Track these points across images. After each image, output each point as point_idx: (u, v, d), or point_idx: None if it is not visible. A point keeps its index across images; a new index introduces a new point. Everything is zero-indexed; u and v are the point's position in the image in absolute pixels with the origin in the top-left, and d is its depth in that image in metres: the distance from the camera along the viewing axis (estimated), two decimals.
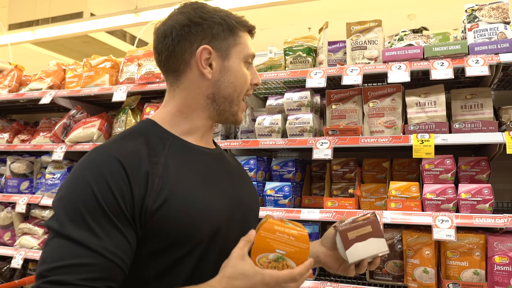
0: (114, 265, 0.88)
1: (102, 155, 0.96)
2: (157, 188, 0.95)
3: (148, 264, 0.97)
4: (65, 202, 0.91)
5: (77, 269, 0.84)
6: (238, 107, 1.17)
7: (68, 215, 0.89)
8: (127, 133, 1.07)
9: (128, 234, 0.91)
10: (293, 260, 0.92)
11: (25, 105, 3.41)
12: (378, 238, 1.20)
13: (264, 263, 0.91)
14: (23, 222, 3.00)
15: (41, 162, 3.12)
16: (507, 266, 1.90)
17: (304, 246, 0.92)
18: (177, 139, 1.10)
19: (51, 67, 3.19)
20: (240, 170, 1.34)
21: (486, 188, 1.95)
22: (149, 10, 5.80)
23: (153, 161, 0.99)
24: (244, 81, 1.16)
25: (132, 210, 0.92)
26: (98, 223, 0.88)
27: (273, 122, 2.31)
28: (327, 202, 2.18)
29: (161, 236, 0.95)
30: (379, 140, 2.07)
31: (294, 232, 0.92)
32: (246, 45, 1.17)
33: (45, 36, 6.56)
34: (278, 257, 0.91)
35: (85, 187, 0.90)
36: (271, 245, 0.91)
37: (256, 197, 1.34)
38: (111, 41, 8.24)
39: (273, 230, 0.91)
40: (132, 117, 2.69)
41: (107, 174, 0.91)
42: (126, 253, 0.91)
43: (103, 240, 0.87)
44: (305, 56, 2.37)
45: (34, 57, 8.77)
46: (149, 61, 2.64)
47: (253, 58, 1.20)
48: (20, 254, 2.84)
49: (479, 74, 1.92)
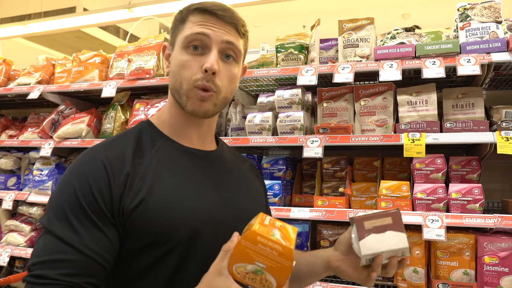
0: (93, 262, 0.90)
1: (89, 157, 1.00)
2: (136, 188, 0.97)
3: (131, 261, 0.98)
4: (53, 201, 0.96)
5: (58, 265, 0.88)
6: (187, 97, 1.05)
7: (55, 213, 0.93)
8: (122, 134, 1.10)
9: (108, 231, 0.93)
10: (273, 276, 0.84)
11: (14, 100, 3.36)
12: (398, 232, 1.05)
13: (241, 273, 0.84)
14: (10, 219, 2.96)
15: (29, 158, 3.07)
16: (496, 266, 1.89)
17: (286, 264, 0.83)
18: (168, 140, 1.10)
19: (40, 61, 3.14)
20: (241, 172, 1.27)
21: (477, 188, 1.94)
22: (142, 5, 5.75)
23: (137, 162, 1.01)
24: (182, 68, 1.04)
25: (112, 209, 0.94)
26: (79, 221, 0.91)
27: (264, 120, 2.29)
28: (317, 201, 2.16)
29: (140, 234, 0.97)
30: (370, 139, 2.05)
31: (278, 247, 0.82)
32: (187, 28, 1.06)
33: (37, 31, 6.49)
34: (257, 269, 0.83)
35: (69, 187, 0.95)
36: (251, 257, 0.83)
37: (259, 201, 1.27)
38: (104, 37, 8.19)
39: (255, 241, 0.82)
40: (122, 113, 2.65)
41: (89, 175, 0.95)
42: (105, 249, 0.92)
43: (83, 237, 0.90)
44: (297, 53, 2.35)
45: (26, 52, 8.69)
46: (139, 57, 2.60)
47: (197, 36, 1.04)
48: (6, 251, 2.80)
49: (470, 73, 1.90)
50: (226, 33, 1.06)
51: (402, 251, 1.06)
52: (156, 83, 2.52)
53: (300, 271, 1.23)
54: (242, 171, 1.28)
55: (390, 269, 1.08)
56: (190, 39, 1.05)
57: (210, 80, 1.03)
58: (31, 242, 2.87)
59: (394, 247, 1.05)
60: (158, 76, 2.56)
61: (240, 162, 1.32)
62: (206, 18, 1.05)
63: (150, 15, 5.68)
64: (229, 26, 1.07)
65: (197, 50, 1.05)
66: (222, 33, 1.05)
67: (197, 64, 1.04)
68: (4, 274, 3.08)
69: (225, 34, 1.06)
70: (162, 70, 2.60)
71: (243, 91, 2.80)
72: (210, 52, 1.04)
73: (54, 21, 6.19)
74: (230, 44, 1.07)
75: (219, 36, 1.05)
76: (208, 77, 1.03)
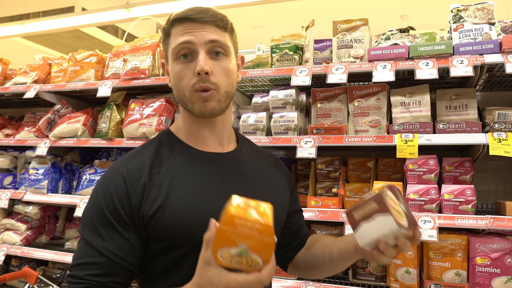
0: (115, 263, 1.02)
1: (113, 171, 1.12)
2: (153, 196, 1.06)
3: (156, 261, 1.09)
4: (85, 211, 1.10)
5: (86, 267, 1.02)
6: (192, 103, 1.12)
7: (86, 222, 1.08)
8: (144, 145, 1.21)
9: (129, 236, 1.04)
10: (258, 254, 0.84)
11: (11, 99, 3.37)
12: (384, 215, 1.02)
13: (226, 258, 0.84)
14: (6, 218, 2.97)
15: (25, 157, 3.08)
16: (488, 267, 1.90)
17: (268, 240, 0.83)
18: (185, 147, 1.18)
19: (36, 61, 3.15)
20: (261, 170, 1.29)
21: (469, 189, 1.94)
22: (140, 5, 5.75)
23: (155, 171, 1.10)
24: (179, 79, 1.12)
25: (131, 216, 1.05)
26: (104, 228, 1.04)
27: (258, 120, 2.30)
28: (311, 201, 2.17)
29: (160, 238, 1.06)
30: (363, 140, 2.06)
31: (257, 225, 0.82)
32: (172, 41, 1.12)
33: (35, 30, 6.49)
34: (241, 251, 0.84)
35: (96, 199, 1.08)
36: (233, 240, 0.83)
37: (280, 196, 1.30)
38: (103, 37, 8.19)
39: (234, 224, 0.82)
40: (117, 113, 2.66)
41: (111, 188, 1.07)
42: (127, 252, 1.04)
43: (107, 242, 1.03)
44: (292, 54, 2.35)
45: (25, 51, 8.69)
46: (134, 57, 2.61)
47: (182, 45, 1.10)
48: (2, 250, 2.80)
49: (463, 74, 1.91)
50: (207, 33, 1.10)
51: (397, 231, 1.03)
52: (151, 83, 2.53)
53: (332, 258, 1.27)
54: (263, 168, 1.30)
55: (402, 247, 1.06)
56: (177, 50, 1.11)
57: (207, 80, 1.08)
58: (27, 241, 2.87)
59: (385, 231, 1.03)
60: (153, 76, 2.57)
61: (261, 158, 1.34)
62: (186, 26, 1.11)
63: (148, 15, 5.69)
64: (208, 25, 1.11)
65: (187, 57, 1.11)
66: (203, 35, 1.10)
67: (190, 70, 1.10)
68: (0, 273, 3.08)
69: (207, 34, 1.10)
70: (157, 70, 2.61)
71: (239, 91, 2.81)
72: (198, 55, 1.09)
73: (53, 21, 6.18)
74: (214, 42, 1.10)
75: (202, 38, 1.09)
76: (203, 78, 1.08)
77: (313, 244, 1.39)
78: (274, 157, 1.42)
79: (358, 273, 2.20)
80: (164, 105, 2.54)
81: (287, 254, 1.41)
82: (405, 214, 1.08)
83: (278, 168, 1.38)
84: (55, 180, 2.81)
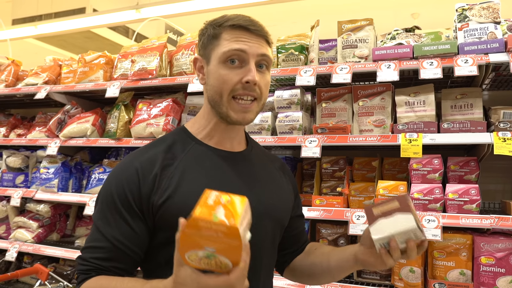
0: (119, 250, 1.09)
1: (127, 162, 1.18)
2: (163, 187, 1.12)
3: (162, 250, 1.14)
4: (97, 198, 1.18)
5: (93, 250, 1.11)
6: (227, 108, 1.16)
7: (97, 208, 1.16)
8: (160, 139, 1.26)
9: (135, 225, 1.11)
10: (226, 256, 0.82)
11: (22, 100, 3.43)
12: (405, 214, 1.07)
13: (195, 260, 0.83)
14: (18, 216, 3.03)
15: (37, 157, 3.14)
16: (493, 267, 1.90)
17: (234, 243, 0.80)
18: (198, 144, 1.23)
19: (47, 62, 3.21)
20: (268, 171, 1.34)
21: (474, 188, 1.94)
22: (149, 6, 5.81)
23: (167, 163, 1.16)
24: (222, 82, 1.15)
25: (141, 206, 1.11)
26: (112, 216, 1.11)
27: (263, 120, 2.32)
28: (316, 200, 2.18)
29: (167, 227, 1.10)
30: (367, 139, 2.07)
31: (222, 228, 0.79)
32: (224, 44, 1.16)
33: (48, 32, 6.60)
34: (208, 254, 0.82)
35: (109, 187, 1.15)
36: (198, 243, 0.81)
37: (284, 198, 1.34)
38: (114, 37, 8.25)
39: (198, 227, 0.79)
40: (125, 113, 2.70)
41: (124, 179, 1.13)
42: (132, 240, 1.10)
43: (113, 229, 1.10)
44: (298, 54, 2.37)
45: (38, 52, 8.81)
46: (142, 58, 2.65)
47: (235, 52, 1.14)
48: (14, 247, 2.87)
49: (467, 74, 1.91)
50: (260, 46, 1.17)
51: (413, 232, 1.08)
52: (158, 83, 2.56)
53: (330, 267, 1.32)
54: (269, 170, 1.35)
55: (410, 252, 1.11)
56: (229, 55, 1.14)
57: (252, 90, 1.15)
58: (38, 238, 2.93)
59: (403, 228, 1.07)
60: (160, 76, 2.60)
61: (269, 161, 1.39)
62: (240, 34, 1.16)
63: (157, 15, 5.75)
64: (261, 38, 1.17)
65: (234, 63, 1.15)
66: (256, 47, 1.16)
67: (236, 76, 1.14)
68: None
69: (259, 47, 1.16)
70: (164, 71, 2.64)
71: None
72: (248, 65, 1.15)
73: (64, 22, 6.29)
74: (264, 56, 1.17)
75: (255, 50, 1.15)
76: (250, 87, 1.14)
77: (312, 252, 1.43)
78: (281, 162, 1.47)
79: (363, 271, 2.21)
80: (171, 105, 2.57)
81: (285, 257, 1.44)
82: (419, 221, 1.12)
83: (284, 172, 1.43)
84: (65, 179, 2.87)
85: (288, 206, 1.36)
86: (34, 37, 7.20)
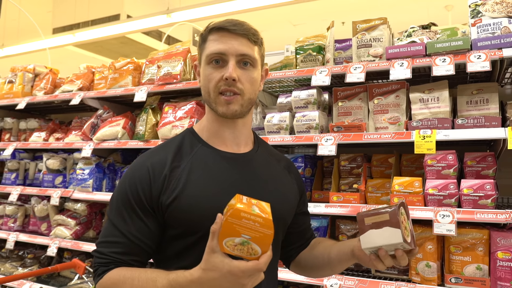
0: (135, 245, 1.19)
1: (139, 163, 1.28)
2: (172, 187, 1.21)
3: (171, 245, 1.24)
4: (113, 196, 1.27)
5: (111, 245, 1.19)
6: (215, 103, 1.26)
7: (113, 206, 1.24)
8: (169, 141, 1.36)
9: (148, 221, 1.20)
10: (258, 244, 0.98)
11: (60, 106, 3.66)
12: (394, 228, 1.15)
13: (230, 246, 0.98)
14: (58, 214, 3.25)
15: (73, 159, 3.35)
16: (510, 261, 1.90)
17: (268, 232, 0.97)
18: (204, 146, 1.32)
19: (81, 70, 3.41)
20: (273, 171, 1.41)
21: (489, 183, 1.94)
22: (179, 10, 6.00)
23: (176, 165, 1.25)
24: (208, 81, 1.26)
25: (152, 204, 1.20)
26: (128, 213, 1.21)
27: (281, 120, 2.40)
28: (333, 196, 2.25)
29: (175, 225, 1.21)
30: (382, 136, 2.11)
31: (259, 219, 0.96)
32: (208, 47, 1.27)
33: (85, 39, 6.93)
34: (243, 241, 0.97)
35: (123, 187, 1.24)
36: (237, 231, 0.96)
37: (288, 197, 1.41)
38: (147, 41, 8.56)
39: (239, 216, 0.96)
40: (153, 116, 2.85)
41: (137, 178, 1.23)
42: (145, 235, 1.20)
43: (129, 225, 1.19)
44: (315, 54, 2.43)
45: (77, 58, 9.24)
46: (167, 63, 2.79)
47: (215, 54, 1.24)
48: (54, 243, 3.08)
49: (480, 69, 1.92)
50: (240, 44, 1.25)
51: (400, 245, 1.16)
52: (183, 87, 2.69)
53: (331, 259, 1.39)
54: (274, 170, 1.43)
55: (399, 259, 1.19)
56: (211, 57, 1.25)
57: (233, 85, 1.24)
58: (76, 235, 3.14)
59: (389, 242, 1.16)
60: (184, 80, 2.73)
61: (274, 161, 1.46)
62: (222, 35, 1.26)
63: (187, 19, 5.92)
64: (241, 37, 1.26)
65: (218, 63, 1.26)
66: (236, 46, 1.24)
67: (219, 74, 1.25)
68: (54, 264, 3.37)
69: (239, 46, 1.25)
70: (188, 75, 2.77)
71: (266, 92, 2.92)
72: (228, 63, 1.24)
73: (100, 29, 6.58)
74: (244, 55, 1.25)
75: (234, 50, 1.24)
76: (230, 83, 1.23)
77: (316, 246, 1.51)
78: (288, 161, 1.54)
79: None
80: (195, 107, 2.70)
81: (291, 252, 1.53)
82: (410, 230, 1.22)
83: (290, 171, 1.50)
84: (99, 179, 3.05)
85: (292, 205, 1.43)
86: (72, 45, 7.57)
